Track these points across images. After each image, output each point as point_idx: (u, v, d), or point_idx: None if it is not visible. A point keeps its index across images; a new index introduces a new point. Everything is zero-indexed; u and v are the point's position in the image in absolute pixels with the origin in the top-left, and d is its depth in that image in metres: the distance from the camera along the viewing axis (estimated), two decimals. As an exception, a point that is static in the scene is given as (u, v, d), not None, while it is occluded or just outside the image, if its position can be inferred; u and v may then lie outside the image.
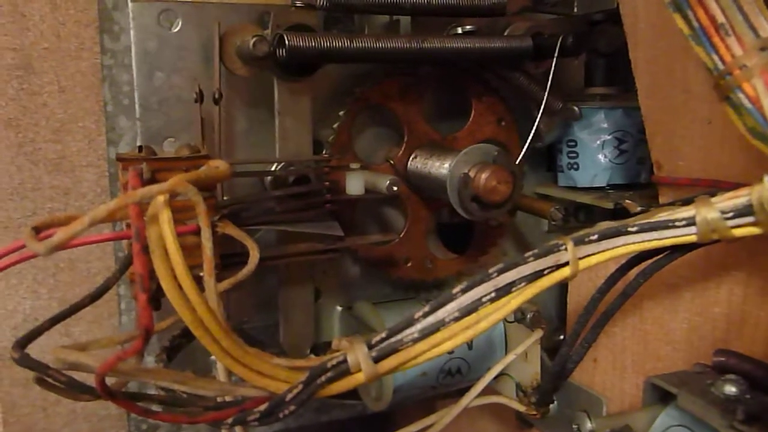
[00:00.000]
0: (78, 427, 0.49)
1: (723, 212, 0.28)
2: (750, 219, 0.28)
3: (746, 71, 0.28)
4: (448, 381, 0.48)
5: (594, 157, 0.51)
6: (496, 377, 0.43)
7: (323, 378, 0.27)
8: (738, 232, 0.29)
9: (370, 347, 0.27)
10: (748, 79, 0.28)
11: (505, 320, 0.48)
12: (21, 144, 0.43)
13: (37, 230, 0.26)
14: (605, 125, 0.51)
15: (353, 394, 0.50)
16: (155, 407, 0.28)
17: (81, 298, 0.30)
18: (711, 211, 0.29)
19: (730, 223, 0.28)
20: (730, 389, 0.32)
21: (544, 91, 0.48)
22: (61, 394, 0.28)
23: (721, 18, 0.28)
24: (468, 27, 0.48)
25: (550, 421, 0.49)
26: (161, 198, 0.25)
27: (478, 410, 0.59)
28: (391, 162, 0.49)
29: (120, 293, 0.47)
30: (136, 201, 0.24)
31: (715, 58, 0.29)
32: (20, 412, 0.47)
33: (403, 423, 0.41)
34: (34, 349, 0.27)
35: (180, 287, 0.25)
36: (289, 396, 0.26)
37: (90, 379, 0.26)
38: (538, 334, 0.44)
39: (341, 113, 0.47)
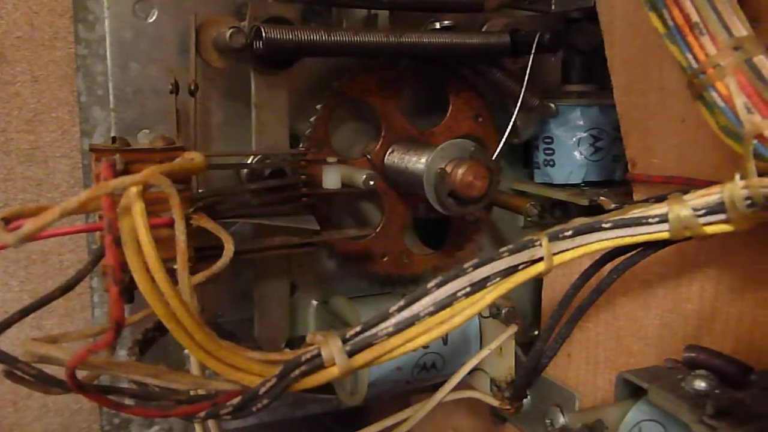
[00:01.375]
0: (49, 421, 0.48)
1: (695, 209, 0.29)
2: (722, 216, 0.29)
3: (719, 70, 0.28)
4: (423, 376, 0.48)
5: (570, 154, 0.52)
6: (470, 372, 0.43)
7: (297, 372, 0.27)
8: (710, 230, 0.29)
9: (345, 341, 0.27)
10: (721, 77, 0.28)
11: (480, 315, 0.48)
12: (-8, 134, 0.43)
13: (7, 221, 0.25)
14: (581, 122, 0.51)
15: (328, 388, 0.50)
16: (127, 401, 0.28)
17: (52, 290, 0.30)
18: (683, 208, 0.29)
19: (702, 220, 0.29)
20: (700, 384, 0.32)
21: (521, 88, 0.48)
22: (31, 387, 0.27)
23: (695, 17, 0.29)
24: (446, 22, 0.48)
25: (523, 416, 0.49)
26: (134, 189, 0.25)
27: (453, 405, 0.59)
28: (368, 156, 0.49)
29: (93, 286, 0.46)
30: (109, 192, 0.24)
31: (689, 56, 0.29)
32: (-11, 406, 0.46)
33: (378, 417, 0.41)
34: (4, 343, 0.27)
35: (153, 280, 0.25)
36: (263, 390, 0.26)
37: (61, 372, 0.26)
38: (513, 329, 0.44)
39: (318, 107, 0.47)
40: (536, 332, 0.56)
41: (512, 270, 0.29)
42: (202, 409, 0.27)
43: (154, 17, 0.43)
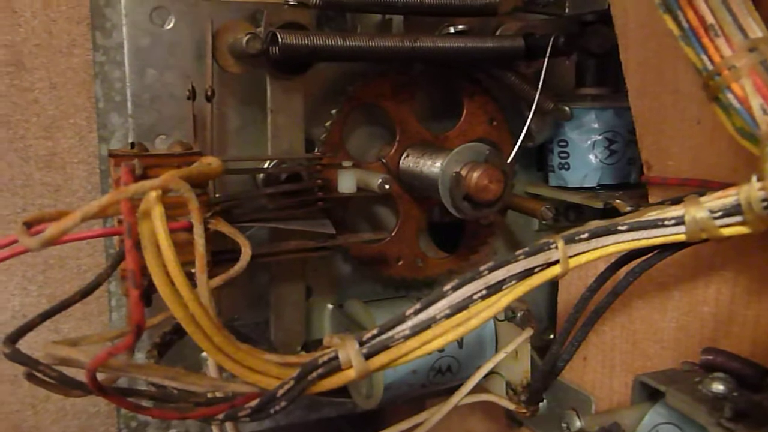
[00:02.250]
0: (67, 424, 0.49)
1: (712, 212, 0.29)
2: (738, 218, 0.28)
3: (735, 72, 0.28)
4: (439, 379, 0.48)
5: (584, 157, 0.52)
6: (486, 376, 0.43)
7: (314, 374, 0.27)
8: (726, 232, 0.29)
9: (362, 344, 0.27)
10: (736, 79, 0.28)
11: (495, 319, 0.48)
12: (11, 140, 0.43)
13: (29, 225, 0.26)
14: (596, 125, 0.51)
15: (343, 391, 0.50)
16: (145, 403, 0.28)
17: (71, 294, 0.30)
18: (700, 210, 0.29)
19: (719, 222, 0.29)
20: (718, 387, 0.32)
21: (536, 91, 0.48)
22: (52, 390, 0.28)
23: (710, 19, 0.29)
24: (460, 27, 0.48)
25: (539, 420, 0.49)
26: (153, 194, 0.25)
27: (468, 408, 0.59)
28: (383, 160, 0.49)
29: (110, 290, 0.47)
30: (129, 197, 0.24)
31: (705, 58, 0.29)
32: (8, 409, 0.47)
33: (393, 421, 0.41)
34: (22, 346, 0.27)
35: (172, 283, 0.25)
36: (280, 392, 0.26)
37: (80, 375, 0.26)
38: (529, 332, 0.44)
39: (333, 111, 0.47)
40: (551, 336, 0.56)
41: (528, 273, 0.29)
42: (221, 411, 0.27)
43: (170, 24, 0.43)
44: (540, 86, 0.48)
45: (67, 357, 0.25)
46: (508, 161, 0.47)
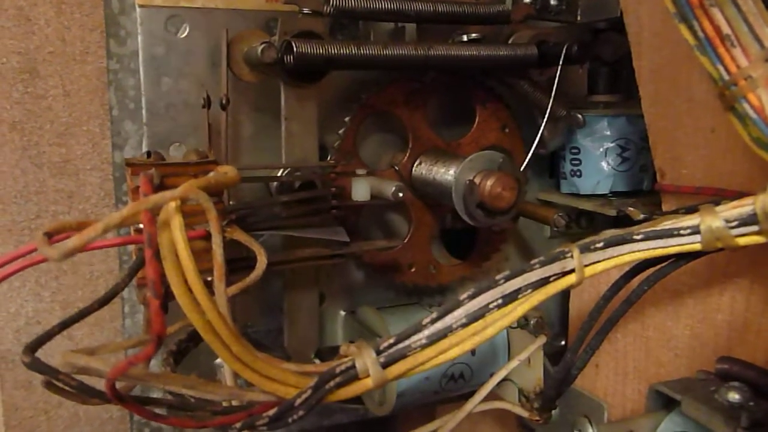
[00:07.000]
0: (80, 430, 0.49)
1: (727, 221, 0.29)
2: (754, 228, 0.28)
3: (751, 82, 0.28)
4: (451, 386, 0.48)
5: (597, 165, 0.52)
6: (498, 383, 0.43)
7: (332, 383, 0.27)
8: (742, 241, 0.29)
9: (378, 353, 0.27)
10: (753, 89, 0.28)
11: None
12: (25, 147, 0.44)
13: (50, 235, 0.26)
14: (608, 133, 0.51)
15: (356, 398, 0.50)
16: (161, 411, 0.28)
17: (90, 302, 0.31)
18: (715, 219, 0.29)
19: (735, 231, 0.29)
20: (734, 396, 0.32)
21: (548, 99, 0.49)
22: (71, 398, 0.28)
23: (726, 29, 0.29)
24: (473, 35, 0.48)
25: (551, 427, 0.49)
26: (173, 204, 0.25)
27: (480, 415, 0.59)
28: (396, 168, 0.49)
29: (123, 296, 0.47)
30: (150, 207, 0.25)
31: (721, 68, 0.29)
32: (22, 415, 0.47)
33: (404, 427, 0.41)
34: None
35: (190, 292, 0.25)
36: (298, 401, 0.27)
37: (95, 382, 0.26)
38: (542, 340, 0.44)
39: (347, 119, 0.48)
40: (563, 342, 0.56)
41: (543, 282, 0.29)
42: (238, 420, 0.27)
43: (185, 33, 0.43)
44: (553, 94, 0.48)
45: (87, 366, 0.25)
46: (521, 168, 0.47)
